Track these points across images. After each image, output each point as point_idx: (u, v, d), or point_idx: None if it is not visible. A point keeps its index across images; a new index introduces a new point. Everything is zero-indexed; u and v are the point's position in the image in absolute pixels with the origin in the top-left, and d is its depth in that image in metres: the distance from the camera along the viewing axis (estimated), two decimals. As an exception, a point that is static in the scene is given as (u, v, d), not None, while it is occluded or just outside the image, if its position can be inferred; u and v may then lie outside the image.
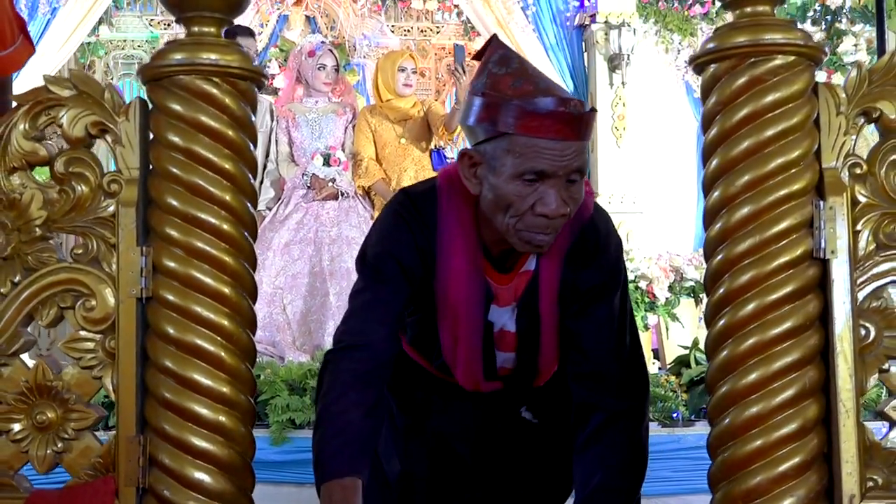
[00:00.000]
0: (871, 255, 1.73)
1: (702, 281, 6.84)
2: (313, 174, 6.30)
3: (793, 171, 1.70)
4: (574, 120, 1.86)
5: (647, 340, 6.85)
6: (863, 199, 1.73)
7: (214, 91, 1.75)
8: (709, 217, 1.76)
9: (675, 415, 4.96)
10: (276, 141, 6.61)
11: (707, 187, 1.76)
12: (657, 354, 7.23)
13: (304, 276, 6.02)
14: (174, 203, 1.75)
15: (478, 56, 2.02)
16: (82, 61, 8.00)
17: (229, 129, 1.76)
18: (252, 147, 1.81)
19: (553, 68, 7.30)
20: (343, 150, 6.44)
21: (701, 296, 6.55)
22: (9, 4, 2.15)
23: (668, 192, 7.48)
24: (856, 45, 8.39)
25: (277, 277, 6.03)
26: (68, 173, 1.79)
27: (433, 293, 2.11)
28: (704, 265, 4.81)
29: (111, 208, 1.78)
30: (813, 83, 1.73)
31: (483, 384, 2.22)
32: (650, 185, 7.29)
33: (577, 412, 2.13)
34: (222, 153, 1.75)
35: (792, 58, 1.70)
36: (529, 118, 1.84)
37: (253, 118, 1.82)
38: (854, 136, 1.74)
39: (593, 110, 1.93)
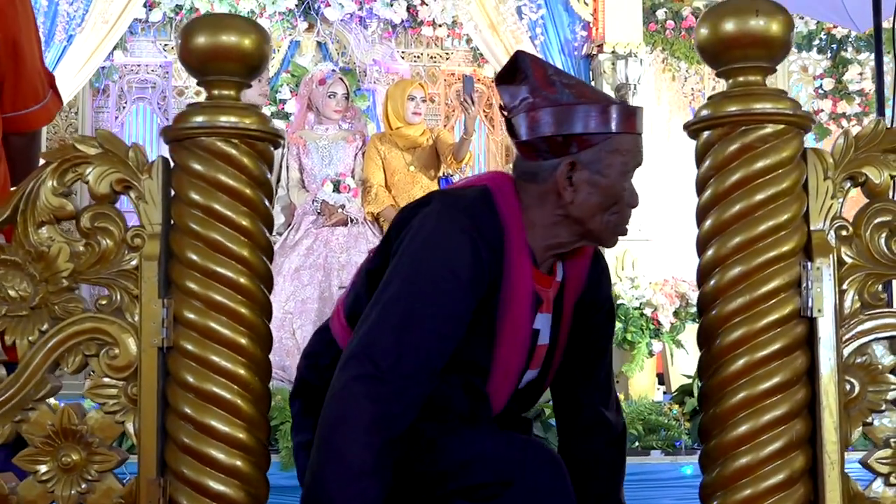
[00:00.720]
0: (857, 314, 1.82)
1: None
2: (323, 200, 6.42)
3: (782, 233, 1.79)
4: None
5: (651, 366, 6.92)
6: (848, 260, 1.82)
7: (233, 152, 1.85)
8: (702, 276, 1.85)
9: (677, 443, 5.04)
10: (287, 167, 6.73)
11: (700, 247, 1.86)
12: (662, 379, 7.31)
13: (314, 301, 6.13)
14: (194, 258, 1.84)
15: (504, 78, 2.11)
16: (97, 85, 8.13)
17: (247, 188, 1.85)
18: (268, 203, 1.91)
19: (561, 97, 7.41)
20: (353, 177, 6.56)
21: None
22: (39, 61, 2.25)
23: (673, 218, 7.56)
24: (861, 74, 8.48)
25: (287, 302, 6.14)
26: (94, 228, 1.88)
27: (491, 309, 2.04)
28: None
29: (134, 261, 1.87)
30: (802, 149, 1.82)
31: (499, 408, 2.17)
32: (656, 211, 7.37)
33: (586, 426, 2.26)
34: (240, 210, 1.85)
35: (781, 126, 1.79)
36: (629, 117, 2.04)
37: (269, 175, 1.91)
38: (841, 200, 1.83)
39: None
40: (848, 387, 1.80)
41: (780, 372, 1.77)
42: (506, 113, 2.11)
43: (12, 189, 2.24)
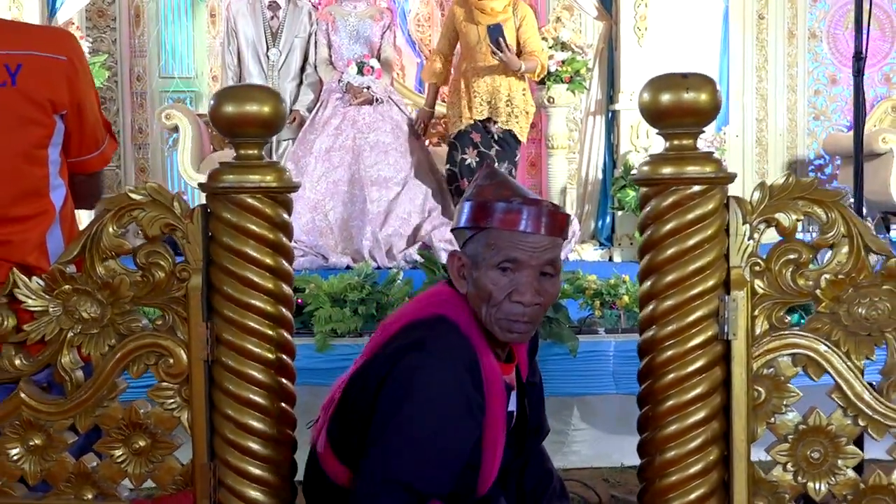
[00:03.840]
0: (766, 335, 2.23)
1: (721, 163, 7.21)
2: (348, 82, 6.72)
3: (707, 272, 2.19)
4: (545, 216, 2.27)
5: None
6: (760, 291, 2.22)
7: (258, 204, 2.25)
8: (642, 303, 2.26)
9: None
10: (316, 43, 7.02)
11: (641, 279, 2.26)
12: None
13: (344, 183, 6.51)
14: (229, 290, 2.27)
15: None
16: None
17: (270, 233, 2.27)
18: (287, 239, 2.32)
19: (579, -31, 7.59)
20: (378, 58, 6.83)
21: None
22: (98, 113, 2.67)
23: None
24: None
25: (319, 183, 6.52)
26: (148, 262, 2.32)
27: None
28: (724, 147, 5.58)
29: (182, 291, 2.31)
30: (725, 200, 2.21)
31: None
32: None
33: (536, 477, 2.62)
34: (265, 251, 2.26)
35: (706, 185, 2.18)
36: (506, 214, 2.26)
37: (287, 217, 2.32)
38: (757, 239, 2.22)
39: (565, 214, 2.33)
40: (756, 394, 2.23)
41: (702, 384, 2.20)
42: None
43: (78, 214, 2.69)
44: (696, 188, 2.18)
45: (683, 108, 2.18)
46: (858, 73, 4.13)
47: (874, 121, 8.52)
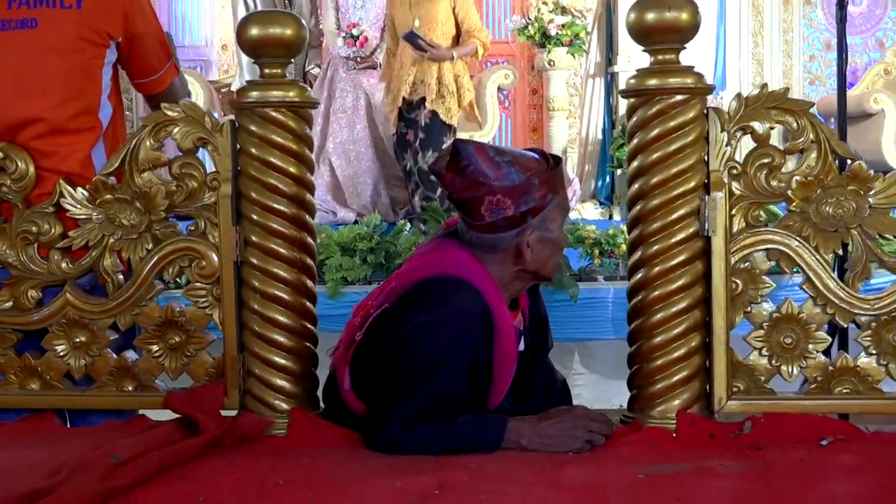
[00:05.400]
0: (742, 232, 2.45)
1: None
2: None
3: (689, 174, 2.42)
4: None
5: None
6: (737, 192, 2.45)
7: (281, 118, 2.49)
8: (630, 203, 2.49)
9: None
10: (326, 8, 7.20)
11: (630, 181, 2.49)
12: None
13: (350, 143, 6.77)
14: (256, 196, 2.50)
15: (449, 166, 2.42)
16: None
17: (293, 144, 2.50)
18: (309, 151, 2.56)
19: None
20: (378, 23, 6.97)
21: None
22: (156, 41, 3.01)
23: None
24: None
25: (326, 141, 6.77)
26: (182, 173, 2.55)
27: (488, 369, 2.45)
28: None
29: (213, 199, 2.54)
30: (704, 109, 2.43)
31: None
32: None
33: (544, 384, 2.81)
34: (288, 160, 2.50)
35: (688, 95, 2.41)
36: (562, 175, 2.48)
37: (309, 131, 2.56)
38: (734, 146, 2.45)
39: None
40: (734, 286, 2.45)
41: (685, 276, 2.43)
42: (454, 194, 2.47)
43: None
44: (679, 97, 2.41)
45: (666, 26, 2.41)
46: (842, 21, 4.33)
47: (867, 83, 8.73)
